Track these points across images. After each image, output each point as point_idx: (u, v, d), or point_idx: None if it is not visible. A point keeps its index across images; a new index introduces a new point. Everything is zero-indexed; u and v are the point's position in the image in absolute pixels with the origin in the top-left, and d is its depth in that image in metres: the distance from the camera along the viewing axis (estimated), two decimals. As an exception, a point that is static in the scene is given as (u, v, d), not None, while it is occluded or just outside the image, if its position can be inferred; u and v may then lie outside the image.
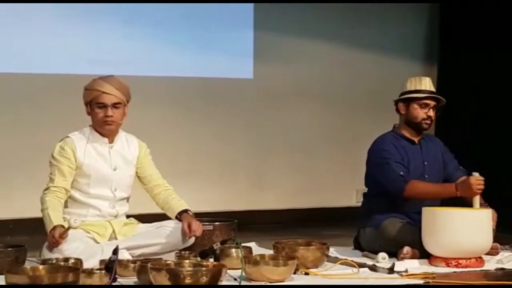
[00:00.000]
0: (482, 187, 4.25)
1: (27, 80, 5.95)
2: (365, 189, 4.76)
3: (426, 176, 4.52)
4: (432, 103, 4.51)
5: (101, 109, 4.14)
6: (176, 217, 4.21)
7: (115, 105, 4.14)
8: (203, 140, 6.47)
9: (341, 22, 6.90)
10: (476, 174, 4.28)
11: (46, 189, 4.15)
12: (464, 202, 4.37)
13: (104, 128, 4.18)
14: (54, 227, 3.95)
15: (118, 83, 4.20)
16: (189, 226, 4.09)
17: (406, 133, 4.59)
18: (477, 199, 4.28)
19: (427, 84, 4.53)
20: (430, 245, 4.19)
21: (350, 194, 6.83)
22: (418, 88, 4.51)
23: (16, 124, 5.91)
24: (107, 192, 4.19)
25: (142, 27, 6.25)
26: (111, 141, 4.23)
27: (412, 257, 4.23)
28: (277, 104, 6.75)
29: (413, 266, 4.04)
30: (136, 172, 4.31)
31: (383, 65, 7.05)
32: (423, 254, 4.25)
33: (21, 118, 5.92)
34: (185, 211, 4.21)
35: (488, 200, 4.51)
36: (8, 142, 5.88)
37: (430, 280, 3.76)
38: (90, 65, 6.04)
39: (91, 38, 6.10)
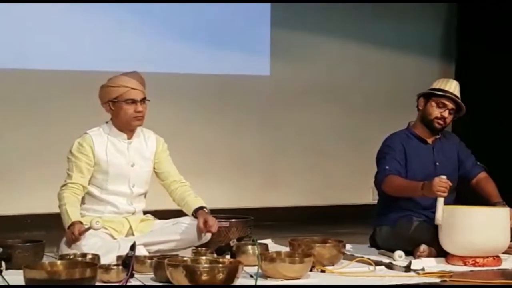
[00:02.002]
0: (445, 190, 4.13)
1: (41, 76, 5.97)
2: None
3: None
4: (450, 105, 4.48)
5: (130, 105, 4.12)
6: (192, 214, 4.21)
7: (143, 100, 4.16)
8: (219, 137, 6.48)
9: (358, 21, 6.88)
10: (443, 177, 4.19)
11: (64, 185, 4.16)
12: (482, 201, 4.35)
13: (133, 124, 4.18)
14: (73, 224, 3.97)
15: (142, 78, 4.21)
16: (205, 223, 4.09)
17: (419, 132, 4.58)
18: (441, 201, 4.16)
19: (452, 86, 4.51)
20: (447, 244, 4.18)
21: (366, 191, 6.80)
22: (442, 87, 4.50)
23: (32, 120, 5.94)
24: (125, 189, 4.20)
25: (158, 24, 6.26)
26: (129, 137, 4.24)
27: (429, 256, 4.22)
28: (293, 101, 6.75)
29: (430, 264, 4.03)
30: (154, 168, 4.31)
31: (400, 64, 7.03)
32: (440, 253, 4.24)
33: (35, 114, 5.94)
34: (201, 208, 4.20)
35: (506, 198, 4.49)
36: (25, 138, 5.90)
37: (447, 279, 3.75)
38: (104, 62, 6.04)
39: (106, 35, 6.11)
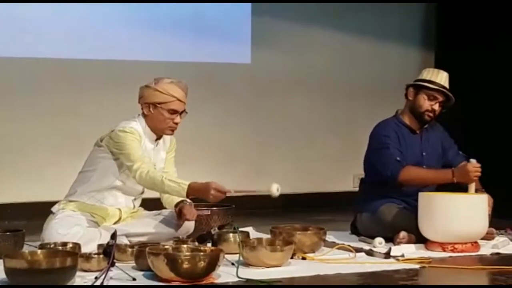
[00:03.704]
0: (479, 174, 4.29)
1: (27, 65, 5.94)
2: (362, 175, 4.78)
3: (424, 167, 4.51)
4: (440, 98, 4.48)
5: (171, 115, 4.09)
6: (174, 208, 4.18)
7: (183, 112, 4.14)
8: (200, 125, 6.47)
9: (340, 9, 6.88)
10: (473, 161, 4.29)
11: (140, 160, 3.96)
12: (460, 187, 4.39)
13: (166, 133, 4.16)
14: (208, 184, 3.87)
15: (187, 88, 4.16)
16: (180, 212, 4.08)
17: (408, 121, 4.58)
18: (473, 186, 4.31)
19: (442, 78, 4.49)
20: (426, 230, 4.22)
21: (347, 179, 6.85)
22: (433, 79, 4.48)
23: (14, 109, 5.90)
24: (139, 187, 4.17)
25: (139, 13, 6.23)
26: (157, 139, 4.21)
27: (409, 242, 4.25)
28: (274, 89, 6.76)
29: (409, 251, 4.07)
30: None
31: (381, 53, 7.05)
32: (420, 239, 4.27)
33: (18, 104, 5.91)
34: (182, 200, 4.17)
35: (484, 185, 4.53)
36: (5, 127, 5.87)
37: (426, 265, 3.79)
38: (88, 50, 6.05)
39: (89, 23, 6.09)
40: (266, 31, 6.64)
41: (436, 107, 4.50)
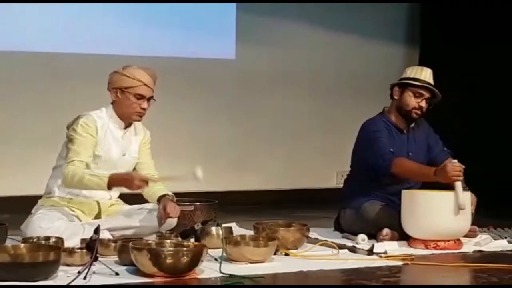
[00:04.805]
0: (459, 173, 4.15)
1: (10, 58, 5.92)
2: (346, 171, 4.79)
3: None
4: (426, 94, 4.48)
5: (138, 100, 4.07)
6: (157, 201, 4.17)
7: (150, 98, 4.12)
8: (184, 121, 6.47)
9: (325, 5, 6.89)
10: (454, 161, 4.23)
11: (70, 161, 3.96)
12: (444, 185, 4.40)
13: (133, 118, 4.14)
14: (117, 178, 3.88)
15: (155, 76, 4.14)
16: (164, 209, 4.07)
17: (395, 120, 4.57)
18: (458, 185, 4.17)
19: (427, 75, 4.49)
20: (409, 227, 4.24)
21: (331, 176, 6.87)
22: (417, 76, 4.47)
23: (4, 103, 5.88)
24: None
25: (123, 7, 6.22)
26: (126, 126, 4.19)
27: (391, 239, 4.27)
28: (259, 85, 6.76)
29: (392, 248, 4.08)
30: None
31: (366, 50, 7.07)
32: (402, 236, 4.28)
33: (2, 97, 5.89)
34: (164, 195, 4.17)
35: (469, 183, 4.54)
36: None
37: (409, 262, 3.80)
38: (71, 44, 6.03)
39: (73, 17, 6.07)
40: (251, 26, 6.65)
41: (423, 104, 4.50)
